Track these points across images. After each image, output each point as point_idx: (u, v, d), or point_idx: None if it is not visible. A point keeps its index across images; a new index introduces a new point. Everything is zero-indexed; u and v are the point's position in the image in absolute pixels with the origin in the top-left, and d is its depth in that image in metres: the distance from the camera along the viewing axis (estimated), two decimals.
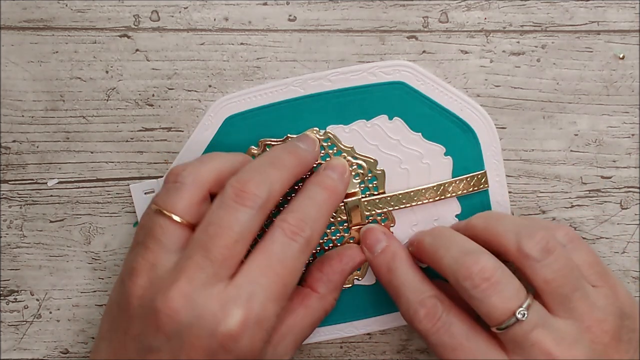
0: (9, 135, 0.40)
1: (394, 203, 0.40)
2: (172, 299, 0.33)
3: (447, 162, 0.40)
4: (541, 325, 0.34)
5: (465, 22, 0.40)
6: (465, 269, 0.35)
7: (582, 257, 0.37)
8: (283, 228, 0.35)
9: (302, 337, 0.38)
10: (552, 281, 0.35)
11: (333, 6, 0.39)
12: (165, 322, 0.33)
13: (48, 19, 0.39)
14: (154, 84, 0.40)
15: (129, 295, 0.34)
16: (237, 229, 0.34)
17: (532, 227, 0.36)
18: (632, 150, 0.41)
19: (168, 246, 0.34)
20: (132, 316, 0.34)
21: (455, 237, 0.37)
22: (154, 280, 0.34)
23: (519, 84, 0.40)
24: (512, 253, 0.36)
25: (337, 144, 0.40)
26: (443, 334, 0.36)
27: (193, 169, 0.35)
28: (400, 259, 0.38)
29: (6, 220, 0.41)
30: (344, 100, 0.39)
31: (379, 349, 0.42)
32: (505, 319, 0.34)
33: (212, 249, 0.33)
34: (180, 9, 0.39)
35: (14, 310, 0.41)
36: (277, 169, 0.35)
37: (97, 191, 0.41)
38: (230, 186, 0.34)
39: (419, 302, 0.37)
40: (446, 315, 0.36)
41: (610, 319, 0.35)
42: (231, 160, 0.37)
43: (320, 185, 0.37)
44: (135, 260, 0.34)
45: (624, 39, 0.40)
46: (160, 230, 0.34)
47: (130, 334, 0.34)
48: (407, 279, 0.37)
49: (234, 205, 0.34)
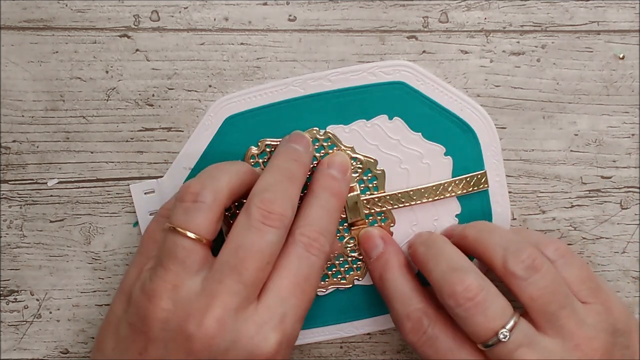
0: (9, 135, 0.40)
1: (393, 202, 0.40)
2: (208, 325, 0.33)
3: (447, 162, 0.40)
4: (526, 345, 0.34)
5: (465, 22, 0.40)
6: (449, 286, 0.35)
7: (574, 273, 0.36)
8: (304, 243, 0.35)
9: None
10: (538, 298, 0.35)
11: (333, 6, 0.39)
12: (200, 348, 0.33)
13: (48, 19, 0.39)
14: (154, 84, 0.40)
15: (149, 318, 0.33)
16: (267, 251, 0.34)
17: (521, 243, 0.36)
18: (632, 150, 0.41)
19: (191, 267, 0.34)
20: (152, 339, 0.33)
21: (446, 250, 0.37)
22: (180, 304, 0.33)
23: (519, 84, 0.40)
24: (499, 269, 0.36)
25: (337, 144, 0.40)
26: (428, 348, 0.36)
27: (212, 187, 0.35)
28: (392, 268, 0.38)
29: (6, 220, 0.41)
30: (344, 100, 0.39)
31: (379, 349, 0.42)
32: (488, 339, 0.34)
33: (245, 272, 0.33)
34: (180, 9, 0.39)
35: (14, 310, 0.41)
36: (293, 183, 0.36)
37: (97, 191, 0.40)
38: (255, 207, 0.34)
39: (406, 315, 0.37)
40: (432, 329, 0.36)
41: (601, 336, 0.35)
42: (239, 172, 0.36)
43: (329, 190, 0.37)
44: (155, 282, 0.34)
45: (624, 39, 0.40)
46: (183, 252, 0.34)
47: (148, 356, 0.33)
48: (396, 290, 0.38)
49: (263, 228, 0.34)
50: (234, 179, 0.36)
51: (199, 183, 0.35)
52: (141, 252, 0.37)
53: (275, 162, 0.37)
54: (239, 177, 0.36)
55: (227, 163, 0.38)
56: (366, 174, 0.40)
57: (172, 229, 0.34)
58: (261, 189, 0.35)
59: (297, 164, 0.37)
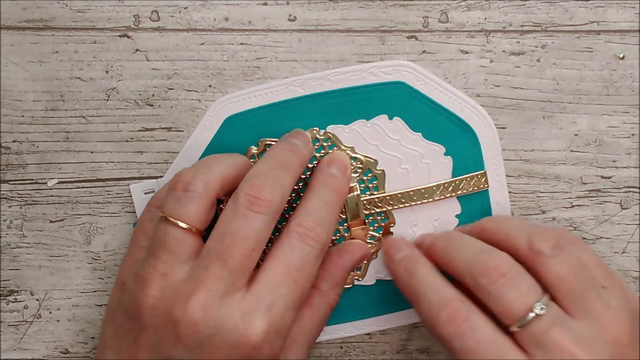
0: (9, 135, 0.40)
1: (393, 203, 0.40)
2: (191, 310, 0.33)
3: (447, 162, 0.40)
4: (559, 324, 0.34)
5: (465, 22, 0.40)
6: (480, 266, 0.35)
7: (589, 257, 0.36)
8: (299, 233, 0.35)
9: (313, 337, 0.38)
10: (566, 277, 0.34)
11: (333, 6, 0.39)
12: (186, 333, 0.33)
13: (48, 19, 0.39)
14: (154, 84, 0.40)
15: (140, 305, 0.34)
16: (254, 237, 0.33)
17: (542, 227, 0.36)
18: (632, 150, 0.41)
19: (180, 256, 0.34)
20: (144, 326, 0.34)
21: (467, 239, 0.37)
22: (168, 290, 0.33)
23: (519, 84, 0.40)
24: (524, 251, 0.35)
25: (337, 144, 0.40)
26: (468, 338, 0.34)
27: (203, 177, 0.35)
28: (422, 263, 0.37)
29: (6, 220, 0.41)
30: (344, 100, 0.39)
31: (379, 349, 0.42)
32: (523, 314, 0.34)
33: (230, 259, 0.33)
34: (180, 9, 0.39)
35: (14, 310, 0.41)
36: (286, 171, 0.35)
37: (97, 191, 0.41)
38: (243, 193, 0.34)
39: (442, 304, 0.35)
40: (472, 317, 0.35)
41: (625, 319, 0.35)
42: (234, 164, 0.36)
43: (329, 186, 0.37)
44: (145, 270, 0.34)
45: (624, 39, 0.40)
46: (173, 241, 0.34)
47: (142, 343, 0.34)
48: (428, 281, 0.36)
49: (249, 214, 0.34)
50: (229, 170, 0.36)
51: (191, 172, 0.35)
52: (133, 243, 0.37)
53: (270, 152, 0.37)
54: (234, 168, 0.36)
55: (224, 154, 0.38)
56: (366, 174, 0.40)
57: (163, 218, 0.34)
58: (251, 176, 0.35)
59: (293, 154, 0.37)
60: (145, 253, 0.35)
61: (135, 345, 0.34)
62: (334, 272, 0.38)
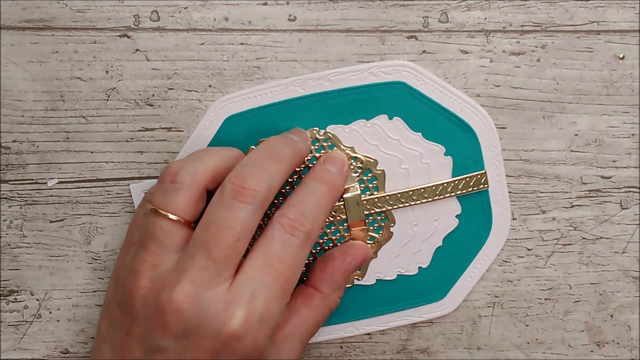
0: (9, 135, 0.40)
1: (393, 202, 0.40)
2: (176, 299, 0.33)
3: (447, 162, 0.40)
4: None
5: (465, 22, 0.40)
6: None
7: None
8: (282, 224, 0.35)
9: (308, 336, 0.38)
10: None
11: (333, 6, 0.39)
12: (172, 321, 0.33)
13: (48, 19, 0.39)
14: (154, 84, 0.40)
15: (131, 297, 0.34)
16: (238, 227, 0.33)
17: None
18: (632, 150, 0.41)
19: (169, 247, 0.34)
20: (135, 317, 0.34)
21: None
22: (156, 280, 0.34)
23: (519, 84, 0.40)
24: None
25: (337, 144, 0.40)
26: None
27: (191, 168, 0.35)
28: None
29: (6, 220, 0.41)
30: (344, 100, 0.39)
31: (379, 349, 0.42)
32: None
33: (214, 249, 0.33)
34: (180, 9, 0.39)
35: (14, 310, 0.41)
36: (276, 162, 0.35)
37: (97, 191, 0.41)
38: (229, 183, 0.34)
39: None
40: None
41: None
42: (225, 155, 0.36)
43: (319, 179, 0.37)
44: (136, 262, 0.34)
45: (624, 39, 0.40)
46: (161, 233, 0.34)
47: (134, 334, 0.34)
48: None
49: (234, 203, 0.34)
50: (220, 162, 0.36)
51: (179, 164, 0.35)
52: (127, 238, 0.37)
53: (262, 143, 0.37)
54: (225, 160, 0.36)
55: (217, 147, 0.38)
56: (366, 174, 0.40)
57: (153, 211, 0.35)
58: (239, 166, 0.35)
59: (286, 146, 0.37)
60: (137, 246, 0.35)
61: (127, 337, 0.34)
62: (335, 275, 0.38)
